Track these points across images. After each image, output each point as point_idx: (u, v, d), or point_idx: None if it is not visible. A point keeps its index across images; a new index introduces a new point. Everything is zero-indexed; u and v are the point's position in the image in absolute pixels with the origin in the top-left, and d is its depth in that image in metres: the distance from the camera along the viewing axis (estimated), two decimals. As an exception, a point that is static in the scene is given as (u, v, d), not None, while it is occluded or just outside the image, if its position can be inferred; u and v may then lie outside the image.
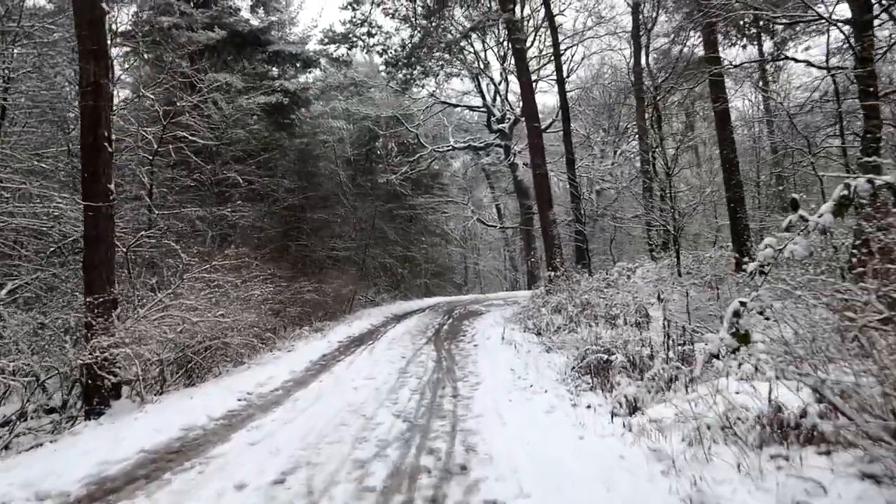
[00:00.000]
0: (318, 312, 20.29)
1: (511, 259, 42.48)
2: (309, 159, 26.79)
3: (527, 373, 10.49)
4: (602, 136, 35.06)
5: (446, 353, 12.86)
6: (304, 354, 12.80)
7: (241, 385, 9.54)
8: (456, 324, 18.28)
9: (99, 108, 9.43)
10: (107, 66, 9.64)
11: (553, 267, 22.06)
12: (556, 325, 16.15)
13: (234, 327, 11.20)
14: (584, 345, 13.36)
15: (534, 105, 23.25)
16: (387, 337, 15.57)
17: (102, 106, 9.49)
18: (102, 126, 9.46)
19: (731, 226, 17.67)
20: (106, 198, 9.41)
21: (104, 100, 9.54)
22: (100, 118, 9.44)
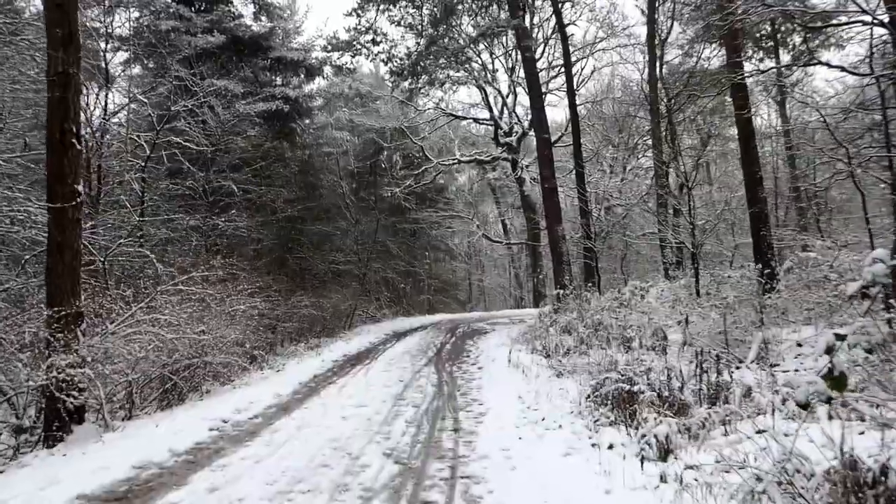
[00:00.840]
0: (316, 328, 19.22)
1: (517, 276, 41.36)
2: (311, 171, 25.84)
3: (537, 402, 9.38)
4: (612, 151, 34.05)
5: (448, 376, 11.75)
6: (293, 375, 11.70)
7: (217, 411, 8.44)
8: (459, 343, 17.17)
9: (67, 100, 8.43)
10: (77, 54, 8.64)
11: (562, 284, 20.97)
12: (565, 347, 15.06)
13: (217, 345, 10.11)
14: (597, 370, 12.30)
15: (543, 115, 22.25)
16: (385, 356, 14.48)
17: (71, 98, 8.48)
18: (71, 120, 8.45)
19: (753, 244, 16.56)
20: (73, 200, 8.38)
21: (73, 91, 8.53)
22: (68, 111, 8.43)
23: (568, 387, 10.62)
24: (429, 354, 14.73)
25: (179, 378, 9.77)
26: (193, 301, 10.17)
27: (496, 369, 12.54)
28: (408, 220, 30.89)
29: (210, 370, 10.61)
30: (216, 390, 10.47)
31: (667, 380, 8.98)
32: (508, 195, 38.53)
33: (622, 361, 12.43)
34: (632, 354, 13.18)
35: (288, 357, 15.43)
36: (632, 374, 9.63)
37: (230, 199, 16.66)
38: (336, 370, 12.55)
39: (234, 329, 10.73)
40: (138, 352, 8.36)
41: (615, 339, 15.16)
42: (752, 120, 17.33)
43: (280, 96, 20.22)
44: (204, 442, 6.99)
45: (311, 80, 24.91)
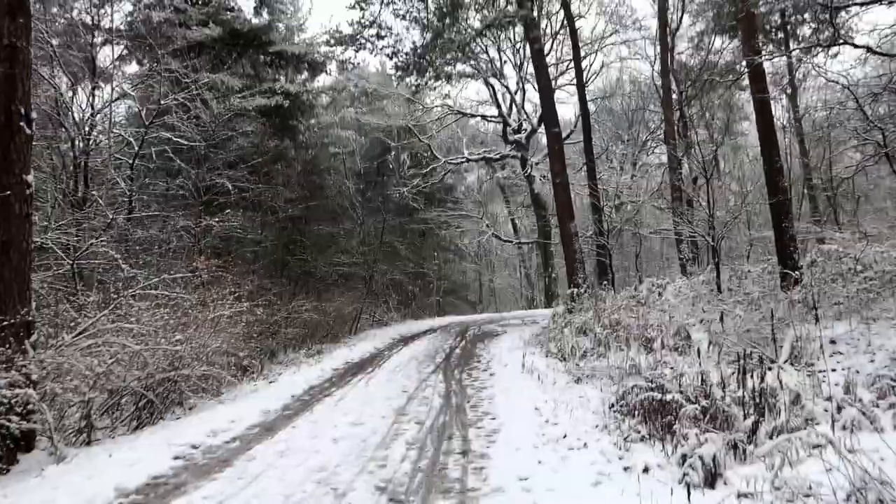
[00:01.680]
0: (319, 334, 17.95)
1: (527, 276, 39.96)
2: (315, 171, 24.61)
3: (556, 414, 8.08)
4: (621, 147, 32.70)
5: (457, 384, 10.45)
6: (287, 387, 10.42)
7: (190, 433, 7.18)
8: (469, 347, 15.87)
9: (14, 76, 7.21)
10: (27, 24, 7.43)
11: (575, 283, 19.64)
12: (582, 350, 13.80)
13: (198, 356, 8.85)
14: (618, 374, 11.03)
15: (553, 108, 20.91)
16: (390, 364, 13.19)
17: (19, 75, 7.26)
18: (19, 100, 7.24)
19: (775, 237, 15.19)
20: (21, 192, 7.15)
21: (22, 67, 7.31)
22: (15, 90, 7.22)
23: (588, 394, 9.38)
24: (437, 360, 13.44)
25: (155, 394, 8.53)
26: (170, 307, 8.91)
27: (509, 376, 11.25)
28: (416, 221, 29.61)
29: (192, 384, 9.36)
30: (200, 406, 9.22)
31: (700, 385, 7.67)
32: (518, 194, 37.17)
33: (644, 364, 11.19)
34: (654, 356, 11.91)
35: (287, 365, 14.18)
36: (662, 380, 8.32)
37: (225, 199, 15.43)
38: (335, 380, 11.27)
39: (217, 337, 9.45)
40: (98, 366, 7.11)
41: (635, 340, 13.89)
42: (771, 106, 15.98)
43: (280, 91, 18.99)
44: (162, 476, 5.72)
45: (315, 77, 23.65)
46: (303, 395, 9.74)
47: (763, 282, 16.64)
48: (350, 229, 24.24)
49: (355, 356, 14.49)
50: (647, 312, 15.91)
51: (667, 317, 14.71)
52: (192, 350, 8.66)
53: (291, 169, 21.15)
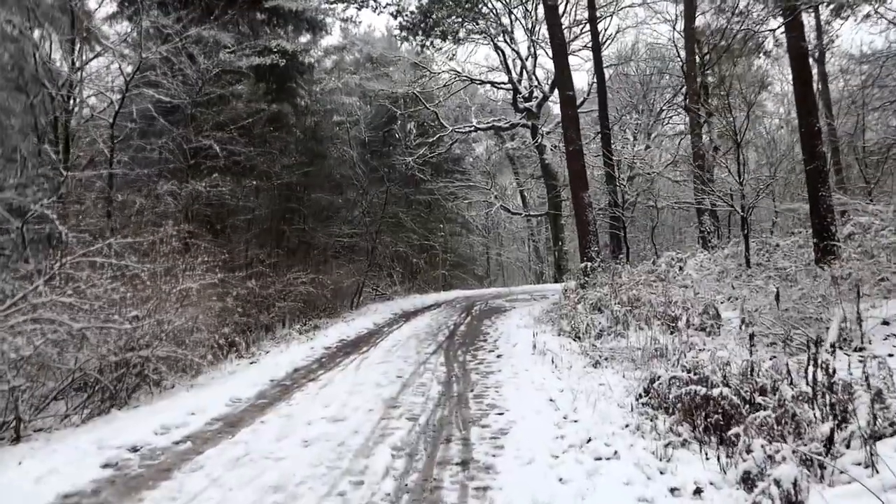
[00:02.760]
0: (317, 308, 16.64)
1: (536, 250, 38.49)
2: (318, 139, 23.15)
3: (575, 407, 6.75)
4: (636, 117, 31.04)
5: (460, 368, 9.11)
6: (269, 368, 9.11)
7: (135, 430, 5.87)
8: (475, 324, 14.53)
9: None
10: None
11: (588, 257, 18.21)
12: (598, 328, 12.45)
13: (158, 335, 7.51)
14: (640, 356, 9.71)
15: (567, 70, 19.30)
16: (387, 341, 11.85)
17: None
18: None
19: (810, 207, 13.66)
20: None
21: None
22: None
23: (609, 381, 8.06)
24: (439, 339, 12.10)
25: (111, 380, 7.22)
26: (128, 279, 7.55)
27: (519, 358, 9.91)
28: (422, 192, 28.13)
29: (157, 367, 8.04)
30: (166, 392, 7.92)
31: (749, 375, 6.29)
32: (528, 165, 35.62)
33: (669, 345, 9.85)
34: (678, 336, 10.51)
35: (278, 342, 12.92)
36: (702, 369, 6.94)
37: (214, 163, 14.03)
38: (324, 361, 9.95)
39: (185, 313, 8.10)
40: (25, 347, 5.78)
41: (657, 318, 12.51)
42: (809, 60, 14.35)
43: (276, 50, 17.44)
44: (75, 494, 4.40)
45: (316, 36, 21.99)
46: (284, 380, 8.42)
47: (795, 256, 15.21)
48: (352, 199, 22.79)
49: (351, 333, 13.17)
50: (669, 288, 14.56)
51: (690, 293, 13.36)
52: (152, 328, 7.31)
53: (290, 135, 19.66)
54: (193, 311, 8.32)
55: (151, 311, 7.44)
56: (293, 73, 19.19)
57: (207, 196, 13.84)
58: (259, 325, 15.10)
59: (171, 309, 7.82)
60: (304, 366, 9.42)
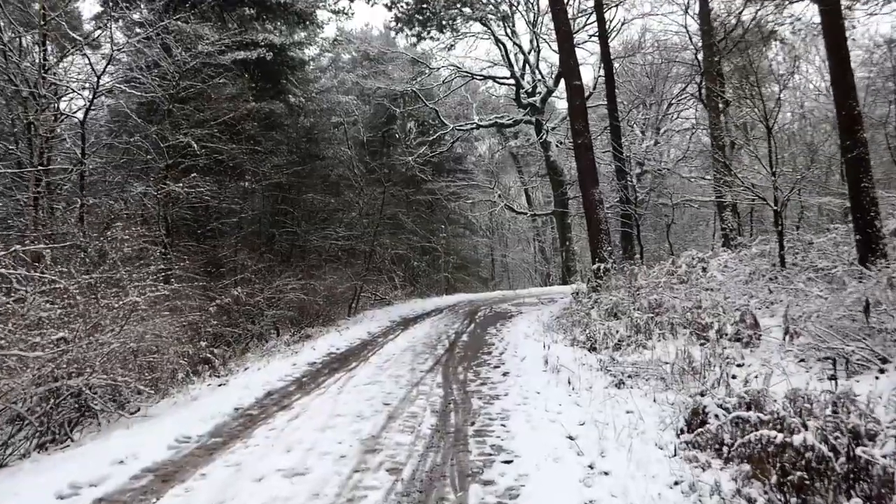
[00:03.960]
0: (312, 315, 15.20)
1: (542, 250, 36.92)
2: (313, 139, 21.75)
3: (602, 450, 5.33)
4: (643, 112, 29.47)
5: (459, 390, 7.64)
6: (236, 393, 7.65)
7: (33, 491, 4.43)
8: (478, 332, 13.06)
9: None
10: None
11: (600, 257, 16.72)
12: (616, 337, 10.93)
13: (96, 359, 6.07)
14: (670, 373, 8.30)
15: (574, 57, 17.84)
16: (379, 356, 10.38)
17: None
18: None
19: (851, 199, 12.08)
20: None
21: None
22: None
23: (640, 407, 6.60)
24: (437, 351, 10.62)
25: (38, 414, 5.80)
26: (56, 294, 6.11)
27: (528, 376, 8.44)
28: (423, 192, 26.67)
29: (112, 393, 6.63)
30: (105, 428, 6.48)
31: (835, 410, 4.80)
32: (532, 164, 34.08)
33: (699, 358, 8.42)
34: (711, 348, 9.11)
35: (263, 355, 11.49)
36: (770, 404, 5.48)
37: (193, 161, 12.61)
38: (304, 381, 8.48)
39: (130, 333, 6.64)
40: None
41: (684, 327, 11.07)
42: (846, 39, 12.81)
43: (263, 43, 16.02)
44: None
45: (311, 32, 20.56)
46: (251, 408, 6.96)
47: (833, 254, 13.66)
48: (350, 200, 21.32)
49: (342, 344, 11.70)
50: (693, 292, 13.08)
51: (720, 297, 11.86)
52: (83, 352, 5.86)
53: (283, 134, 18.25)
54: (143, 328, 6.85)
55: (84, 332, 5.99)
56: (283, 68, 17.81)
57: (187, 198, 12.43)
58: (247, 336, 13.71)
59: (114, 328, 6.37)
60: (279, 388, 7.96)
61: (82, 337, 5.92)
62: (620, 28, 28.39)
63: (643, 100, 29.04)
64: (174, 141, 12.10)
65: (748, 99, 13.04)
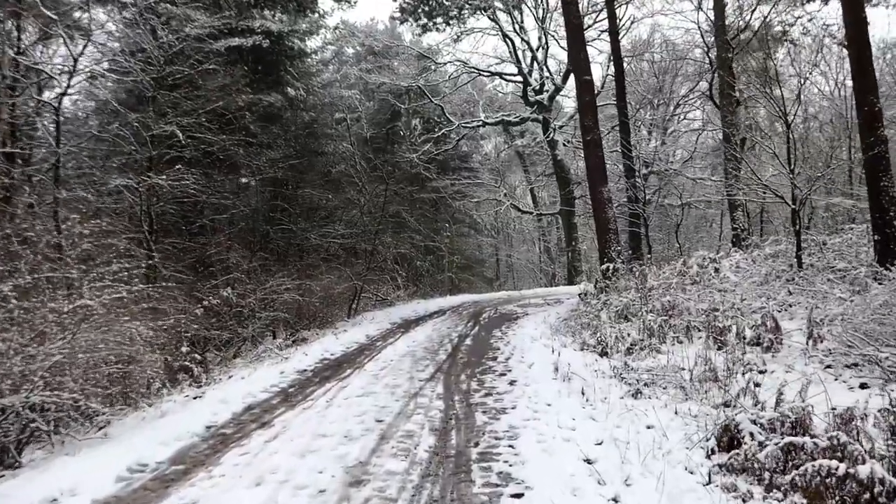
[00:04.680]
0: (308, 317, 14.35)
1: (547, 250, 36.00)
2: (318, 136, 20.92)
3: (627, 476, 4.50)
4: (651, 113, 28.58)
5: (461, 403, 6.77)
6: (212, 406, 6.78)
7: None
8: (483, 335, 12.18)
9: None
10: None
11: (609, 257, 15.85)
12: (628, 341, 10.06)
13: (37, 373, 5.21)
14: (689, 380, 7.54)
15: (584, 52, 16.96)
16: (376, 362, 9.51)
17: None
18: None
19: (871, 199, 11.26)
20: None
21: None
22: None
23: (661, 420, 5.73)
24: (439, 357, 9.75)
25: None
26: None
27: (537, 384, 7.58)
28: (427, 190, 25.79)
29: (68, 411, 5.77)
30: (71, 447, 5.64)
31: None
32: (538, 163, 33.16)
33: (720, 365, 7.59)
34: (731, 353, 8.31)
35: (251, 361, 10.65)
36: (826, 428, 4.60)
37: (179, 153, 11.78)
38: (291, 392, 7.62)
39: (77, 342, 5.77)
40: None
41: (701, 330, 10.25)
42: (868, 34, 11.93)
43: (260, 30, 15.18)
44: None
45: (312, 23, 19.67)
46: (225, 426, 6.09)
47: (850, 254, 12.79)
48: (352, 197, 20.44)
49: (337, 349, 10.83)
50: (707, 293, 12.22)
51: (736, 299, 11.00)
52: (21, 366, 5.01)
53: (283, 128, 17.40)
54: (104, 335, 6.00)
55: (21, 343, 5.13)
56: (281, 58, 16.94)
57: (172, 192, 11.58)
58: (239, 340, 12.88)
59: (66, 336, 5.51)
60: (261, 401, 7.09)
61: (18, 349, 5.05)
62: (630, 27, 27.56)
63: (650, 100, 28.17)
64: (158, 130, 11.24)
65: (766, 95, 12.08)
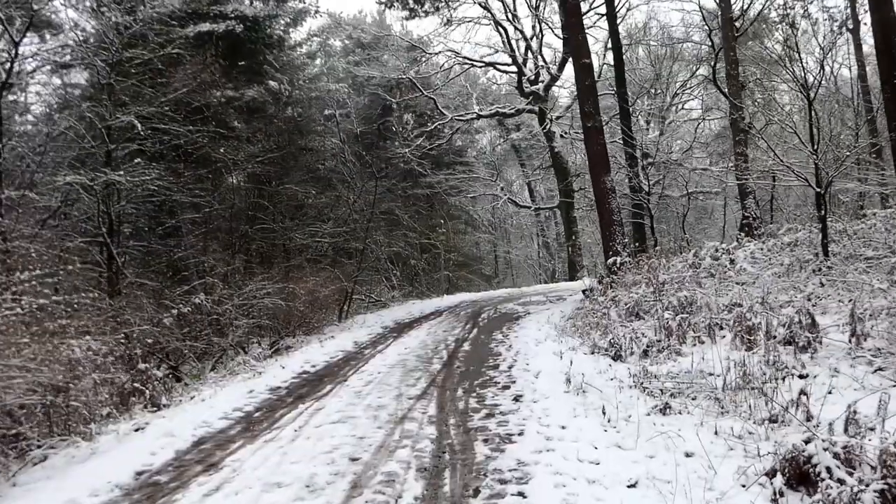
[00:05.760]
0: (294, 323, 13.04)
1: (546, 245, 34.70)
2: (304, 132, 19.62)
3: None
4: (649, 103, 27.33)
5: (457, 429, 5.47)
6: (150, 443, 5.46)
7: None
8: (483, 339, 10.89)
9: None
10: None
11: (613, 251, 14.59)
12: (643, 342, 8.79)
13: None
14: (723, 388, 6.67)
15: (582, 33, 15.69)
16: (361, 375, 8.20)
17: None
18: None
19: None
20: None
21: None
22: None
23: (704, 446, 4.40)
24: (433, 367, 8.44)
25: None
26: None
27: (548, 401, 6.30)
28: (421, 186, 24.47)
29: None
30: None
31: None
32: (535, 157, 31.86)
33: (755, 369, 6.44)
34: (760, 353, 7.09)
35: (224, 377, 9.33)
36: None
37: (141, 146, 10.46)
38: (255, 418, 6.30)
39: None
40: None
41: (720, 327, 9.02)
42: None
43: (233, 15, 13.84)
44: None
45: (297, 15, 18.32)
46: (160, 471, 4.77)
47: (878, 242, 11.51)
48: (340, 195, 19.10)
49: (319, 360, 9.52)
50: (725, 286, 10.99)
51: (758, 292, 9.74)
52: None
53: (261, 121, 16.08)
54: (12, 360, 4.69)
55: None
56: (259, 46, 15.58)
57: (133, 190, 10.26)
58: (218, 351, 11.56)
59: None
60: (216, 431, 5.78)
61: None
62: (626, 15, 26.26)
63: (648, 90, 26.94)
64: (115, 121, 9.91)
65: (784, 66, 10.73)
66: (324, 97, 22.25)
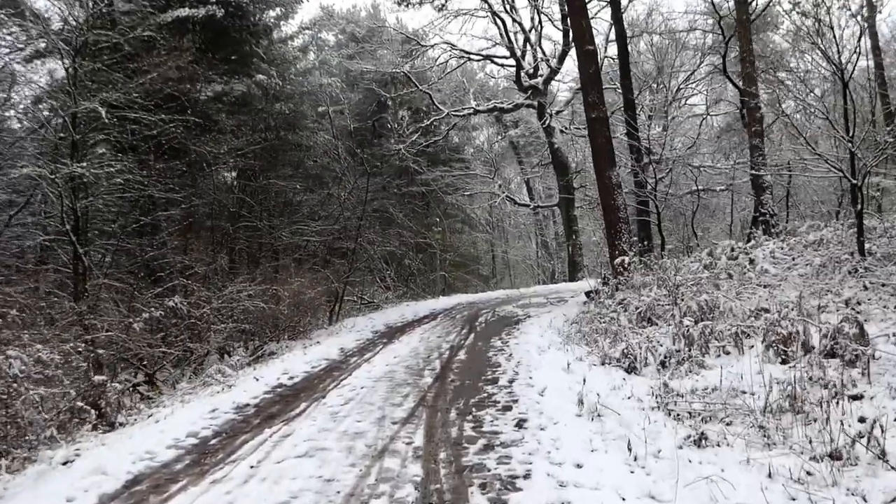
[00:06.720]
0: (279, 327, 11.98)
1: (545, 245, 33.62)
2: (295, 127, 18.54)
3: None
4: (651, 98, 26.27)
5: (448, 469, 4.41)
6: (73, 483, 4.39)
7: None
8: (480, 346, 9.82)
9: None
10: None
11: (620, 250, 13.52)
12: (660, 352, 7.72)
13: None
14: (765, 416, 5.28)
15: (586, 20, 14.63)
16: (342, 390, 7.12)
17: None
18: None
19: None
20: None
21: None
22: None
23: (757, 495, 3.23)
24: (423, 381, 7.37)
25: None
26: None
27: (556, 427, 5.26)
28: (417, 184, 23.38)
29: None
30: None
31: None
32: (533, 154, 30.78)
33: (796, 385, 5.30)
34: (797, 367, 6.00)
35: (195, 388, 8.27)
36: None
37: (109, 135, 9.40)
38: (210, 447, 5.24)
39: None
40: None
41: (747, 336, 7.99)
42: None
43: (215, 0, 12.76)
44: None
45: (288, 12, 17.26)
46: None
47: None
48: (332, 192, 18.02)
49: (299, 370, 8.44)
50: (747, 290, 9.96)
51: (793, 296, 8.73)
52: None
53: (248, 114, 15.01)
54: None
55: None
56: (245, 35, 14.49)
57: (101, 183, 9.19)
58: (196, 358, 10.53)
59: None
60: (158, 466, 4.72)
61: None
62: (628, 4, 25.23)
63: (650, 85, 25.92)
64: (80, 108, 8.82)
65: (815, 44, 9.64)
66: (316, 92, 21.17)
